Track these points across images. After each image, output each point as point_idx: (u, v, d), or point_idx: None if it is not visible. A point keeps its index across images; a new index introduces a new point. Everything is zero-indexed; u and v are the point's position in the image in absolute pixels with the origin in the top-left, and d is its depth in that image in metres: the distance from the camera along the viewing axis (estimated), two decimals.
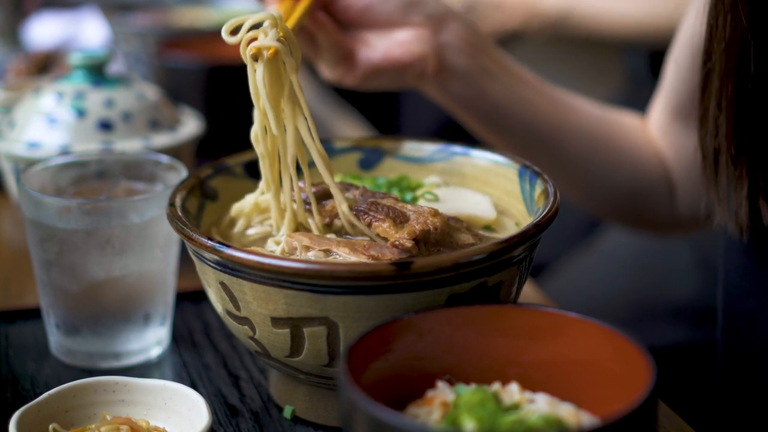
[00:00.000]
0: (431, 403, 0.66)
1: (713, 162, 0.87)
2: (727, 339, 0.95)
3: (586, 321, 0.68)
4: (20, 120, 1.16)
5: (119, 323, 0.92)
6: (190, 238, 0.77)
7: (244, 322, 0.78)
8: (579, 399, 0.68)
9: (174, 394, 0.78)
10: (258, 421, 0.84)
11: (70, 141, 1.13)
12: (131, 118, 1.16)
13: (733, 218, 0.87)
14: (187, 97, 1.41)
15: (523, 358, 0.70)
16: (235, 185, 0.92)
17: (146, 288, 0.92)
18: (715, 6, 0.83)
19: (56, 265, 0.90)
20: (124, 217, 0.89)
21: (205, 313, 1.01)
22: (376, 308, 0.73)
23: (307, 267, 0.71)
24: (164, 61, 1.50)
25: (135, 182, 0.98)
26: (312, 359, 0.76)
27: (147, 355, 0.94)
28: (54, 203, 0.89)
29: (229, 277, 0.76)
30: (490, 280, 0.75)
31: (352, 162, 0.97)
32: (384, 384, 0.67)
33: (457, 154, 0.95)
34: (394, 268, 0.71)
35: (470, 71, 1.03)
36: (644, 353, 0.63)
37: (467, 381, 0.69)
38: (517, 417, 0.63)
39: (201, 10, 2.01)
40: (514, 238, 0.74)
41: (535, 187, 0.86)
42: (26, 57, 1.63)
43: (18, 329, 1.00)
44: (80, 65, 1.17)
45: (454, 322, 0.70)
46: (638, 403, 0.58)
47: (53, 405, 0.77)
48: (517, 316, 0.70)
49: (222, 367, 0.92)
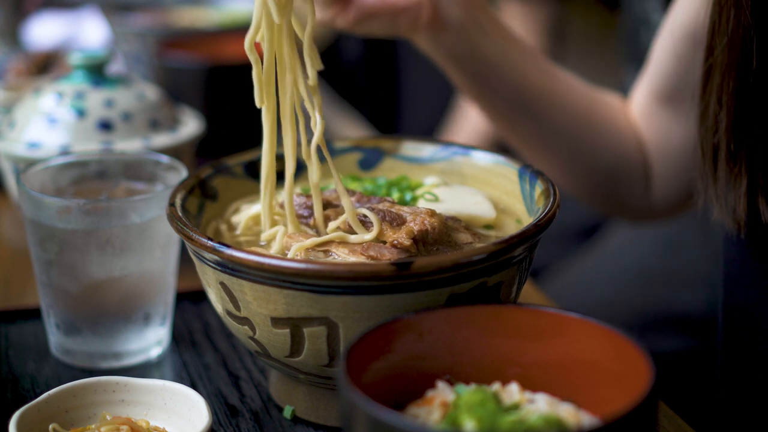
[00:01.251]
0: (431, 403, 0.66)
1: (712, 158, 0.87)
2: (727, 332, 0.95)
3: (586, 321, 0.68)
4: (20, 120, 1.16)
5: (119, 323, 0.92)
6: (190, 238, 0.77)
7: (244, 322, 0.78)
8: (579, 399, 0.68)
9: (174, 394, 0.78)
10: (258, 421, 0.84)
11: (70, 141, 1.13)
12: (131, 118, 1.16)
13: (730, 215, 0.87)
14: (187, 97, 1.41)
15: (523, 358, 0.70)
16: (235, 185, 0.92)
17: (146, 288, 0.92)
18: (718, 1, 0.83)
19: (56, 265, 0.90)
20: (124, 218, 0.89)
21: (205, 313, 1.01)
22: (376, 308, 0.73)
23: (307, 267, 0.71)
24: (164, 61, 1.50)
25: (135, 182, 0.98)
26: (312, 359, 0.76)
27: (147, 355, 0.94)
28: (54, 203, 0.89)
29: (229, 277, 0.76)
30: (490, 280, 0.75)
31: (352, 162, 0.97)
32: (384, 384, 0.67)
33: (457, 154, 0.95)
34: (394, 268, 0.71)
35: (464, 24, 1.02)
36: (644, 353, 0.63)
37: (467, 381, 0.70)
38: (517, 417, 0.63)
39: (201, 10, 2.01)
40: (514, 238, 0.74)
41: (535, 187, 0.86)
42: (26, 57, 1.63)
43: (18, 329, 1.00)
44: (80, 65, 1.17)
45: (454, 322, 0.70)
46: (638, 402, 0.58)
47: (53, 405, 0.77)
48: (517, 316, 0.70)
49: (222, 367, 0.92)
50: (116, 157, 1.00)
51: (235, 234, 0.87)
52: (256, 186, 0.93)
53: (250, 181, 0.93)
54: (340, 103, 2.04)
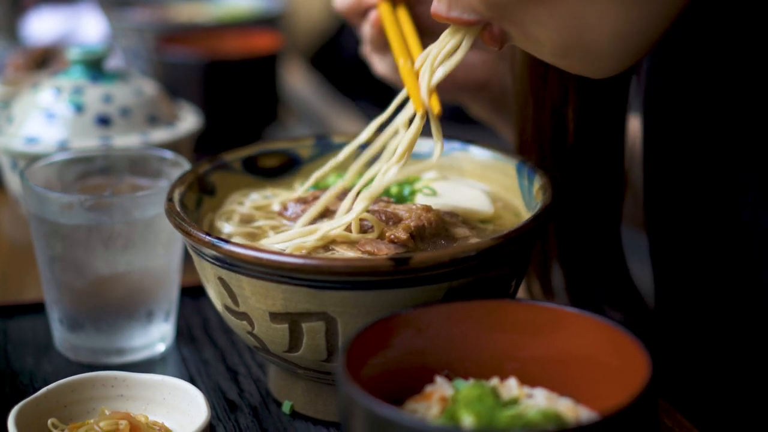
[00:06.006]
0: (430, 398, 0.66)
1: None
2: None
3: (585, 316, 0.68)
4: (18, 115, 1.16)
5: (123, 319, 0.92)
6: (187, 233, 0.77)
7: (243, 317, 0.78)
8: (577, 394, 0.68)
9: (173, 389, 0.78)
10: (257, 416, 0.84)
11: (69, 136, 1.13)
12: (129, 113, 1.16)
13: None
14: (186, 92, 1.41)
15: (522, 353, 0.70)
16: (234, 181, 0.92)
17: (150, 284, 0.92)
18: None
19: (60, 261, 0.90)
20: (127, 214, 0.89)
21: (203, 308, 1.01)
22: (374, 303, 0.73)
23: (305, 262, 0.71)
24: (163, 57, 1.50)
25: (140, 178, 0.98)
26: (310, 354, 0.76)
27: (151, 351, 0.94)
28: (56, 199, 0.89)
29: (228, 273, 0.76)
30: (489, 275, 0.75)
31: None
32: (382, 379, 0.67)
33: (455, 150, 0.95)
34: (392, 263, 0.71)
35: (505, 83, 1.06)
36: (642, 348, 0.63)
37: (465, 376, 0.70)
38: (516, 412, 0.63)
39: (199, 5, 2.01)
40: (513, 232, 0.74)
41: (533, 183, 0.86)
42: (24, 52, 1.63)
43: (17, 324, 1.00)
44: (78, 60, 1.17)
45: (453, 317, 0.70)
46: (636, 397, 0.58)
47: (52, 400, 0.77)
48: (516, 311, 0.70)
49: (221, 362, 0.92)
50: (121, 153, 1.00)
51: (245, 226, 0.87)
52: (254, 181, 0.93)
53: (248, 176, 0.93)
54: (340, 98, 2.04)
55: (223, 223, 0.87)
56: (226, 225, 0.86)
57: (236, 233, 0.85)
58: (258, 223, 0.87)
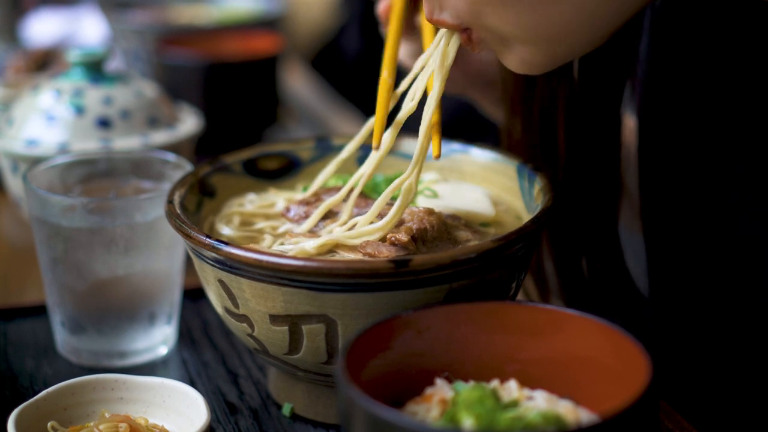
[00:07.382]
0: (430, 401, 0.66)
1: None
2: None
3: (585, 318, 0.68)
4: (19, 117, 1.16)
5: (125, 322, 0.92)
6: (188, 235, 0.77)
7: (243, 319, 0.78)
8: (578, 396, 0.67)
9: (173, 392, 0.78)
10: (257, 419, 0.84)
11: (69, 138, 1.13)
12: (130, 115, 1.16)
13: None
14: (186, 94, 1.41)
15: (522, 354, 0.70)
16: (234, 183, 0.92)
17: (152, 287, 0.92)
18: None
19: (62, 263, 0.90)
20: (129, 216, 0.89)
21: (204, 310, 1.01)
22: (375, 305, 0.72)
23: (306, 264, 0.71)
24: (163, 59, 1.50)
25: (143, 181, 0.98)
26: (310, 356, 0.76)
27: (153, 354, 0.94)
28: (59, 201, 0.89)
29: (228, 275, 0.76)
30: (489, 277, 0.75)
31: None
32: (382, 381, 0.67)
33: (456, 152, 0.95)
34: (392, 266, 0.71)
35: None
36: (642, 350, 0.63)
37: (466, 378, 0.69)
38: (516, 414, 0.63)
39: (200, 7, 2.01)
40: (513, 234, 0.74)
41: (534, 184, 0.85)
42: (25, 54, 1.63)
43: (17, 327, 1.00)
44: (79, 62, 1.17)
45: (453, 319, 0.70)
46: (637, 399, 0.58)
47: (52, 402, 0.77)
48: (516, 312, 0.70)
49: (221, 364, 0.92)
50: (123, 156, 1.00)
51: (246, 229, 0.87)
52: (254, 183, 0.93)
53: (248, 178, 0.93)
54: (340, 100, 2.03)
55: (223, 225, 0.87)
56: (225, 228, 0.86)
57: (236, 236, 0.85)
58: (258, 225, 0.87)
